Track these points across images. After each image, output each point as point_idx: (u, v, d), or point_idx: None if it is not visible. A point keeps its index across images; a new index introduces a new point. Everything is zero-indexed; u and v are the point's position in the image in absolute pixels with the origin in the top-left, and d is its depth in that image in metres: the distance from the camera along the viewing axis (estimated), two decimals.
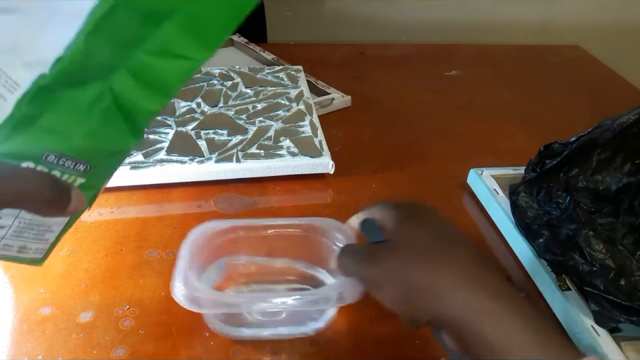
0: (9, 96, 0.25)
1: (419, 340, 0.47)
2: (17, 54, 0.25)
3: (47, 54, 0.25)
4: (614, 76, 1.04)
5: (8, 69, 0.25)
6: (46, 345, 0.44)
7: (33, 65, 0.25)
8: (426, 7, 1.36)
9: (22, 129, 0.26)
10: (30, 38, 0.25)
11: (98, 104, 0.27)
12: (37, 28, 0.25)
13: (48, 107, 0.26)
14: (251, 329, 0.46)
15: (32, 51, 0.25)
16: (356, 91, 0.85)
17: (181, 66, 0.28)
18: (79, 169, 0.29)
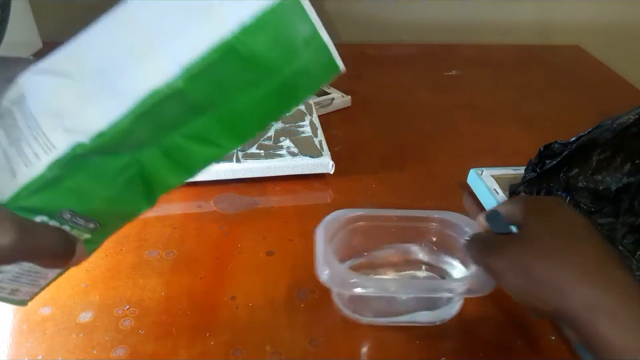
0: (43, 156, 0.26)
1: (418, 340, 0.47)
2: (60, 118, 0.26)
3: (90, 124, 0.26)
4: (614, 76, 1.04)
5: (48, 130, 0.26)
6: (46, 345, 0.44)
7: (73, 132, 0.26)
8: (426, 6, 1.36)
9: (47, 188, 0.26)
10: (76, 106, 0.26)
11: (124, 172, 0.28)
12: (86, 98, 0.26)
13: (76, 171, 0.27)
14: (379, 314, 0.48)
15: (75, 118, 0.26)
16: (356, 90, 0.85)
17: (211, 151, 0.29)
18: (89, 226, 0.29)
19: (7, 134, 0.27)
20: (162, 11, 0.26)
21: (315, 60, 0.27)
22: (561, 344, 0.47)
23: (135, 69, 0.26)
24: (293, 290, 0.51)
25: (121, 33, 0.26)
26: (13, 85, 0.28)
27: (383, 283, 0.46)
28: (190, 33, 0.25)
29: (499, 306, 0.50)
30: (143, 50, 0.26)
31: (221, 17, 0.25)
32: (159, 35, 0.26)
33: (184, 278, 0.52)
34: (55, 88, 0.26)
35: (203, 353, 0.44)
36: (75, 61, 0.27)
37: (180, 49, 0.25)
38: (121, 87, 0.26)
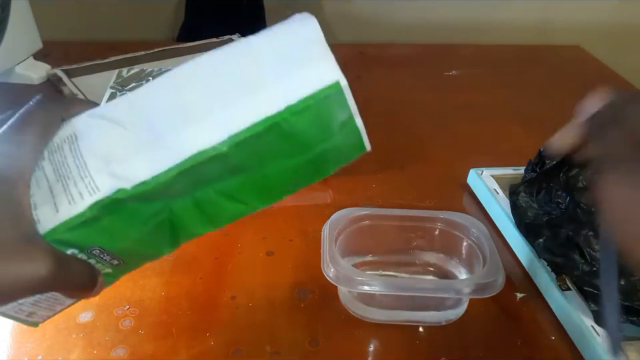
0: (87, 196, 0.27)
1: (418, 340, 0.47)
2: (108, 162, 0.28)
3: (135, 173, 0.28)
4: (614, 76, 1.04)
5: (95, 172, 0.28)
6: (46, 344, 0.44)
7: (118, 177, 0.28)
8: (426, 7, 1.36)
9: (84, 226, 0.28)
10: (125, 153, 0.28)
11: (155, 217, 0.30)
12: (135, 147, 0.28)
13: (113, 212, 0.28)
14: (385, 312, 0.48)
15: (122, 165, 0.28)
16: (356, 90, 0.85)
17: (239, 208, 0.31)
18: (113, 262, 0.31)
19: (55, 170, 0.28)
20: (218, 78, 0.28)
21: (347, 141, 0.30)
22: (561, 344, 0.47)
23: (186, 128, 0.28)
24: (293, 290, 0.51)
25: (178, 92, 0.28)
26: (66, 123, 0.30)
27: (390, 282, 0.47)
28: (241, 104, 0.27)
29: (499, 306, 0.50)
30: (196, 112, 0.28)
31: (270, 94, 0.27)
32: (212, 100, 0.28)
33: (184, 278, 0.52)
34: (107, 133, 0.28)
35: (203, 352, 0.44)
36: (130, 111, 0.28)
37: (230, 118, 0.27)
38: (170, 143, 0.28)
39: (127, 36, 1.20)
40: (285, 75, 0.28)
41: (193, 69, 0.29)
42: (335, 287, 0.46)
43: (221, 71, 0.28)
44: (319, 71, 0.28)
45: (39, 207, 0.28)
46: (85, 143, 0.28)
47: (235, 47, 0.29)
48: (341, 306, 0.49)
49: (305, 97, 0.27)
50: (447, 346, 0.47)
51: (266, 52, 0.28)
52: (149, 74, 0.78)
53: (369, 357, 0.46)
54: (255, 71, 0.28)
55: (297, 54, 0.28)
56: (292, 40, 0.28)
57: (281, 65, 0.28)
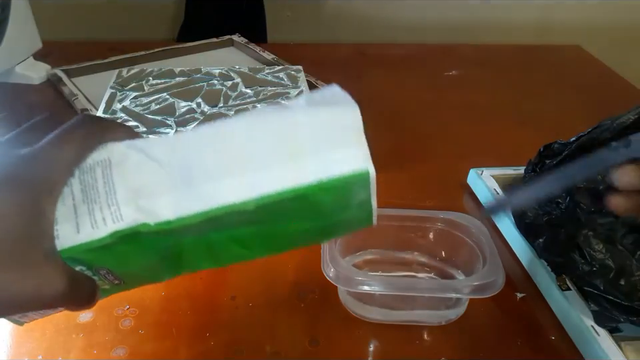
0: (109, 223, 0.28)
1: (418, 340, 0.47)
2: (137, 195, 0.29)
3: (161, 211, 0.29)
4: (614, 76, 1.04)
5: (122, 202, 0.29)
6: (46, 344, 0.44)
7: (144, 212, 0.29)
8: (426, 7, 1.36)
9: (100, 250, 0.29)
10: (155, 190, 0.29)
11: (166, 250, 0.31)
12: (166, 187, 0.29)
13: (130, 241, 0.29)
14: (385, 312, 0.48)
15: (150, 200, 0.29)
16: (356, 90, 0.85)
17: (244, 253, 0.32)
18: (114, 282, 0.31)
19: (84, 190, 0.29)
20: (260, 140, 0.30)
21: (359, 216, 0.32)
22: (561, 344, 0.47)
23: (220, 180, 0.29)
24: (293, 290, 0.51)
25: (220, 144, 0.30)
26: (103, 146, 0.30)
27: (390, 281, 0.47)
28: (276, 169, 0.29)
29: (499, 306, 0.50)
30: (233, 167, 0.29)
31: (305, 166, 0.29)
32: (250, 159, 0.29)
33: (184, 278, 0.51)
34: (142, 168, 0.29)
35: (203, 352, 0.44)
36: (170, 152, 0.30)
37: (263, 179, 0.29)
38: (201, 190, 0.29)
39: (127, 36, 1.20)
40: (321, 152, 0.30)
41: (239, 125, 0.30)
42: (334, 286, 0.46)
43: (264, 133, 0.30)
44: (353, 157, 0.30)
45: (60, 223, 0.28)
46: (118, 171, 0.29)
47: (281, 114, 0.30)
48: (341, 306, 0.49)
49: (336, 177, 0.30)
50: (447, 346, 0.47)
51: (308, 127, 0.30)
52: (149, 74, 0.78)
53: (369, 357, 0.46)
54: (295, 142, 0.30)
55: (336, 136, 0.30)
56: (334, 121, 0.30)
57: (320, 142, 0.30)
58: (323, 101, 0.32)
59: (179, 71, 0.80)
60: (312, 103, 0.31)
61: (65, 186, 0.29)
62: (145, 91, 0.74)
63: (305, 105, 0.31)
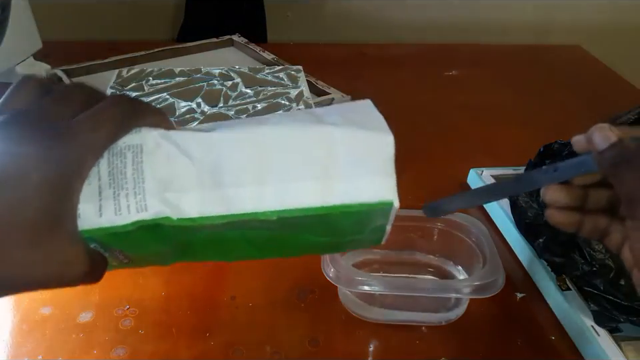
0: (133, 212, 0.28)
1: (418, 340, 0.47)
2: (164, 188, 0.29)
3: (185, 207, 0.29)
4: (614, 76, 1.04)
5: (149, 193, 0.28)
6: (46, 345, 0.44)
7: (168, 205, 0.29)
8: (426, 6, 1.36)
9: (120, 235, 0.28)
10: (182, 185, 0.29)
11: (181, 240, 0.31)
12: (194, 184, 0.29)
13: (149, 230, 0.29)
14: (385, 312, 0.48)
15: (177, 195, 0.29)
16: (356, 90, 0.85)
17: (252, 253, 0.33)
18: (124, 261, 0.31)
19: (111, 173, 0.29)
20: (293, 152, 0.30)
21: (371, 237, 0.33)
22: (561, 344, 0.47)
23: (248, 186, 0.30)
24: (293, 290, 0.51)
25: (254, 151, 0.30)
26: (137, 131, 0.30)
27: (390, 282, 0.47)
28: (303, 185, 0.30)
29: (499, 306, 0.50)
30: (261, 175, 0.30)
31: (332, 187, 0.30)
32: (281, 171, 0.30)
33: (184, 278, 0.52)
34: (173, 161, 0.29)
35: (203, 352, 0.44)
36: (203, 150, 0.29)
37: (289, 193, 0.30)
38: (228, 194, 0.29)
39: (127, 36, 1.20)
40: (351, 175, 0.30)
41: (275, 132, 0.30)
42: (335, 286, 0.46)
43: (299, 144, 0.30)
44: (381, 186, 0.31)
45: (82, 202, 0.28)
46: (148, 160, 0.29)
47: (319, 128, 0.31)
48: (341, 306, 0.49)
49: (361, 203, 0.30)
50: (447, 346, 0.47)
51: (342, 147, 0.30)
52: (149, 74, 0.78)
53: (369, 357, 0.46)
54: (327, 160, 0.30)
55: (368, 161, 0.31)
56: (368, 146, 0.31)
57: (351, 165, 0.30)
58: (358, 119, 0.32)
59: (179, 71, 0.80)
60: (348, 120, 0.31)
61: (94, 166, 0.28)
62: (145, 91, 0.74)
63: (341, 121, 0.31)
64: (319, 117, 0.32)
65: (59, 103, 0.28)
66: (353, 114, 0.33)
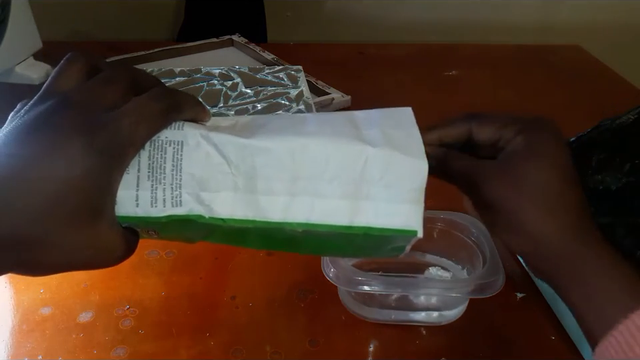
0: (168, 206, 0.30)
1: (418, 340, 0.47)
2: (200, 187, 0.30)
3: (217, 207, 0.30)
4: (614, 76, 1.04)
5: (185, 190, 0.30)
6: (46, 345, 0.44)
7: (202, 204, 0.30)
8: (426, 6, 1.36)
9: (153, 222, 0.30)
10: (217, 187, 0.30)
11: (208, 230, 0.32)
12: (228, 187, 0.30)
13: (181, 222, 0.30)
14: (385, 312, 0.48)
15: (211, 196, 0.30)
16: (356, 91, 0.85)
17: (268, 246, 0.35)
18: (153, 235, 0.32)
19: (150, 166, 0.30)
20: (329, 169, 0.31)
21: (389, 254, 0.34)
22: (561, 344, 0.47)
23: (280, 196, 0.31)
24: (293, 290, 0.51)
25: (290, 162, 0.31)
26: (178, 126, 0.30)
27: (390, 282, 0.47)
28: (333, 202, 0.31)
29: (499, 306, 0.50)
30: (294, 187, 0.31)
31: (361, 209, 0.31)
32: (314, 185, 0.31)
33: (184, 278, 0.52)
34: (211, 162, 0.30)
35: (203, 352, 0.44)
36: (241, 156, 0.30)
37: (319, 207, 0.31)
38: (260, 201, 0.31)
39: (127, 36, 1.20)
40: (381, 199, 0.31)
41: (311, 147, 0.31)
42: (334, 287, 0.46)
43: (332, 162, 0.31)
44: (407, 214, 0.31)
45: (121, 190, 0.29)
46: (188, 158, 0.30)
47: (355, 148, 0.31)
48: (341, 306, 0.49)
49: (386, 227, 0.31)
50: (447, 346, 0.47)
51: (377, 168, 0.31)
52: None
53: (369, 357, 0.46)
54: (359, 181, 0.31)
55: (400, 188, 0.31)
56: (402, 172, 0.31)
57: (383, 189, 0.31)
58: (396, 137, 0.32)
59: (179, 71, 0.80)
60: (386, 138, 0.32)
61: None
62: None
63: (379, 137, 0.32)
64: (358, 127, 0.32)
65: (103, 89, 0.29)
66: (393, 129, 0.33)
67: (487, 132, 0.37)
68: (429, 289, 0.46)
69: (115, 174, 0.28)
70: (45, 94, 0.29)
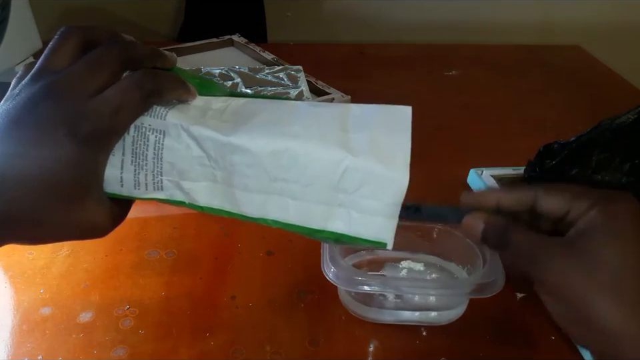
0: (151, 191, 0.32)
1: (418, 340, 0.47)
2: (180, 177, 0.32)
3: (196, 195, 0.32)
4: (614, 76, 1.04)
5: (166, 178, 0.32)
6: (46, 345, 0.44)
7: (182, 191, 0.32)
8: (426, 6, 1.36)
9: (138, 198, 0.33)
10: (196, 177, 0.32)
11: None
12: (207, 177, 0.32)
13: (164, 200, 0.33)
14: (385, 312, 0.48)
15: (190, 185, 0.32)
16: (356, 91, 0.85)
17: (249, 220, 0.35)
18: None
19: (134, 152, 0.31)
20: (304, 168, 0.31)
21: (371, 244, 0.34)
22: (561, 344, 0.47)
23: (257, 195, 0.32)
24: (293, 290, 0.51)
25: (266, 159, 0.31)
26: (161, 115, 0.31)
27: (389, 282, 0.47)
28: (307, 206, 0.32)
29: (499, 306, 0.50)
30: (270, 188, 0.32)
31: (334, 215, 0.32)
32: (289, 186, 0.31)
33: (184, 278, 0.52)
34: (191, 154, 0.31)
35: (203, 352, 0.45)
36: (218, 150, 0.31)
37: (292, 209, 0.32)
38: (237, 195, 0.32)
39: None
40: (356, 209, 0.32)
41: (292, 149, 0.31)
42: (334, 287, 0.46)
43: (311, 166, 0.31)
44: (381, 228, 0.32)
45: (108, 169, 0.31)
46: (169, 149, 0.31)
47: (337, 154, 0.31)
48: (341, 306, 0.49)
49: (357, 237, 0.32)
50: (447, 346, 0.47)
51: (356, 179, 0.31)
52: None
53: (369, 357, 0.46)
54: (337, 188, 0.32)
55: (377, 200, 0.32)
56: (382, 186, 0.32)
57: (359, 199, 0.32)
58: (384, 144, 0.34)
59: None
60: (373, 144, 0.33)
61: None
62: None
63: (365, 142, 0.32)
64: (347, 129, 0.33)
65: (90, 73, 0.30)
66: (383, 135, 0.34)
67: (555, 202, 0.32)
68: (429, 289, 0.46)
69: (99, 158, 0.30)
70: (37, 72, 0.31)
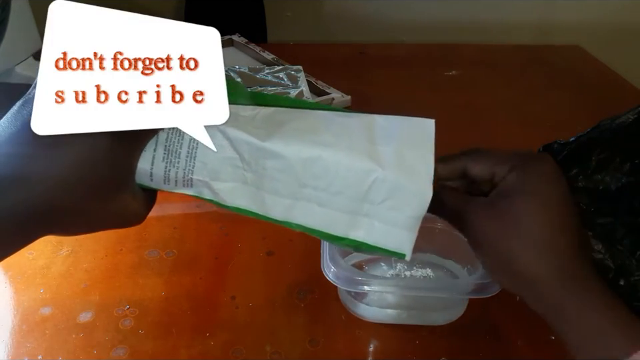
0: (180, 187, 0.33)
1: (418, 340, 0.47)
2: (211, 177, 0.32)
3: (225, 195, 0.33)
4: (614, 76, 1.04)
5: (196, 177, 0.32)
6: (46, 345, 0.44)
7: (211, 190, 0.33)
8: (426, 6, 1.36)
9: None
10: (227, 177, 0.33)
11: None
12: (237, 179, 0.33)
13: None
14: (385, 312, 0.48)
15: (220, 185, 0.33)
16: (356, 90, 0.85)
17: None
18: None
19: (167, 149, 0.32)
20: (333, 177, 0.32)
21: (390, 254, 0.35)
22: (561, 344, 0.47)
23: (284, 198, 0.33)
24: (293, 290, 0.51)
25: (297, 167, 0.32)
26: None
27: (389, 282, 0.47)
28: (332, 214, 0.33)
29: (499, 306, 0.50)
30: (298, 193, 0.33)
31: (357, 224, 0.33)
32: (316, 193, 0.33)
33: (184, 278, 0.52)
34: (224, 156, 0.32)
35: (203, 353, 0.45)
36: (251, 153, 0.32)
37: (317, 215, 0.33)
38: (265, 199, 0.33)
39: None
40: (379, 220, 0.33)
41: (322, 159, 0.32)
42: (334, 287, 0.46)
43: (343, 179, 0.32)
44: (402, 240, 0.33)
45: (140, 163, 0.32)
46: (203, 148, 0.32)
47: (365, 167, 0.32)
48: (341, 306, 0.49)
49: (378, 245, 0.34)
50: (447, 346, 0.47)
51: (381, 192, 0.32)
52: None
53: (369, 357, 0.46)
54: (362, 198, 0.33)
55: (400, 213, 0.33)
56: (406, 200, 0.33)
57: (383, 210, 0.33)
58: (410, 157, 0.34)
59: None
60: (399, 158, 0.33)
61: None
62: None
63: (391, 156, 0.33)
64: (374, 141, 0.33)
65: None
66: (408, 148, 0.35)
67: (480, 168, 0.37)
68: (429, 289, 0.46)
69: (132, 155, 0.31)
70: None
